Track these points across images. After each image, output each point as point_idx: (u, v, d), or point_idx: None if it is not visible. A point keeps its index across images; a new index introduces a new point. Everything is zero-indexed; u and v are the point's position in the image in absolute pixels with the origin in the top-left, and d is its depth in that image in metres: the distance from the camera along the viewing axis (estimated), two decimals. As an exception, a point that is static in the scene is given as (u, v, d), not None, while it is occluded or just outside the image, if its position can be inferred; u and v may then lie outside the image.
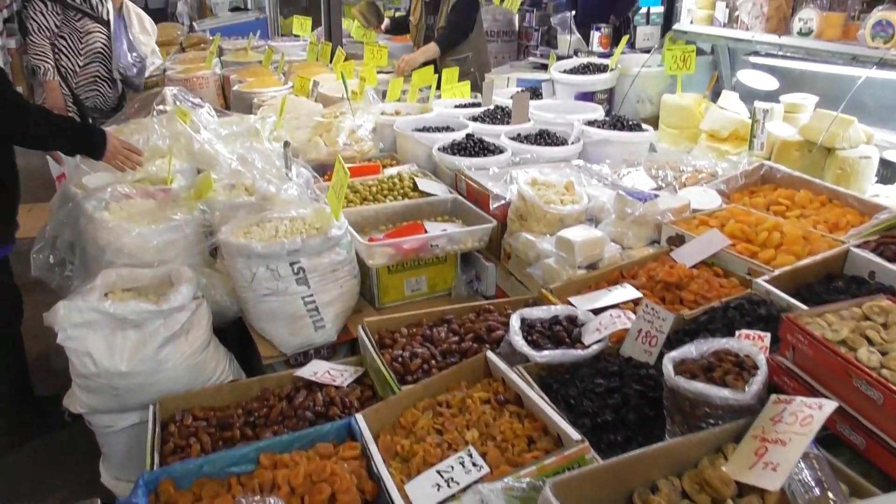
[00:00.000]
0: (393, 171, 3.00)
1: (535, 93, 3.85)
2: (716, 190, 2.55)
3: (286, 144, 2.62)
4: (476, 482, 1.29)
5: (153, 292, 2.22)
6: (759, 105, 3.01)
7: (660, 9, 8.02)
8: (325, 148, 3.21)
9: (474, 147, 2.96)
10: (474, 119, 3.43)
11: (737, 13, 3.32)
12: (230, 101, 5.05)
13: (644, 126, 3.18)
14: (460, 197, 2.72)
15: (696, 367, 1.38)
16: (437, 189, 2.77)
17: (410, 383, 1.72)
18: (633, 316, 1.74)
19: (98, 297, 2.07)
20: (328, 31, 5.81)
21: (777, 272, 1.87)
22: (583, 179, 2.73)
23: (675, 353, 1.40)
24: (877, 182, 2.82)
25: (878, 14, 2.67)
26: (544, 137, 3.12)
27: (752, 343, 1.46)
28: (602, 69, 3.77)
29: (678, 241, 2.19)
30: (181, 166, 2.90)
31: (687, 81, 3.60)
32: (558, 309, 1.84)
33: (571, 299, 1.97)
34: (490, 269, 2.54)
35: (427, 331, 1.97)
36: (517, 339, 1.70)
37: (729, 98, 3.30)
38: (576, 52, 4.41)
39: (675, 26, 3.70)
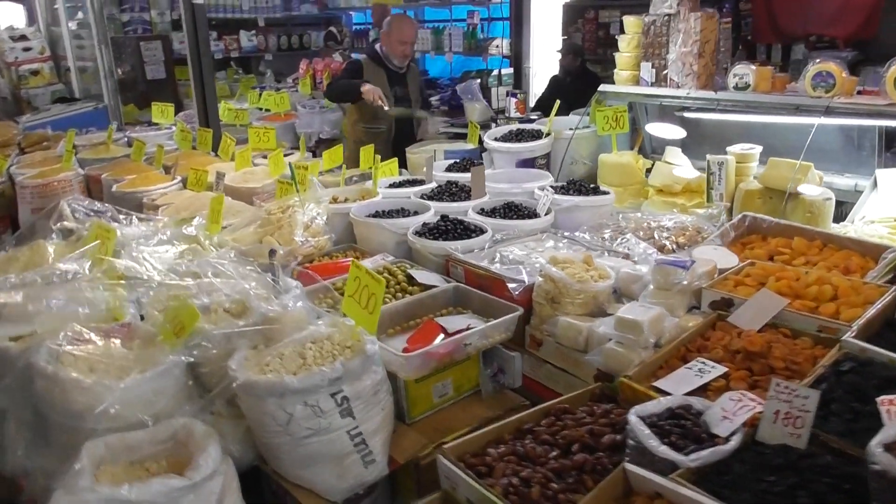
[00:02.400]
0: (367, 263, 2.76)
1: (466, 164, 3.79)
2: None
3: (272, 253, 2.30)
4: None
5: (154, 459, 1.80)
6: (713, 158, 3.16)
7: (510, 70, 8.43)
8: (279, 248, 2.88)
9: (455, 229, 2.80)
10: (429, 198, 3.28)
11: (665, 72, 3.50)
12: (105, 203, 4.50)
13: (603, 188, 3.21)
14: (462, 285, 2.54)
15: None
16: (433, 279, 2.57)
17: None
18: (754, 397, 1.66)
19: (90, 481, 1.63)
20: (203, 115, 5.41)
21: (855, 326, 1.89)
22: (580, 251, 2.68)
23: (881, 436, 1.32)
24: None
25: (816, 66, 2.92)
26: (514, 210, 3.04)
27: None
28: (536, 135, 3.80)
29: (724, 304, 2.17)
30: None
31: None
32: (668, 400, 1.72)
33: (659, 384, 1.86)
34: (516, 360, 2.36)
35: (517, 447, 1.75)
36: (653, 442, 1.54)
37: (673, 153, 3.45)
38: (494, 120, 4.44)
39: (602, 87, 3.84)
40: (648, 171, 3.65)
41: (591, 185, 3.21)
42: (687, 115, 3.60)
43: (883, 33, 5.07)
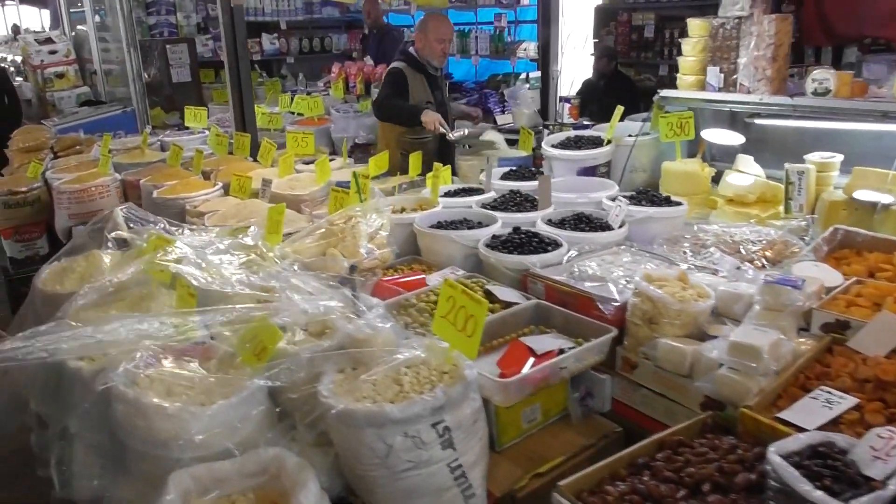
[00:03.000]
0: (436, 277, 2.63)
1: (526, 172, 3.66)
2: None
3: (353, 268, 2.17)
4: None
5: (242, 493, 1.68)
6: (792, 167, 3.01)
7: (537, 73, 8.33)
8: (343, 261, 2.76)
9: (529, 242, 2.67)
10: (491, 208, 3.15)
11: (734, 77, 3.35)
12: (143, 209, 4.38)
13: (675, 199, 3.07)
14: (544, 302, 2.40)
15: None
16: (513, 296, 2.44)
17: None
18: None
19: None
20: (240, 119, 5.29)
21: None
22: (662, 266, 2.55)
23: None
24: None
25: (907, 72, 2.77)
26: (585, 222, 2.91)
27: None
28: (596, 141, 3.67)
29: (839, 327, 2.02)
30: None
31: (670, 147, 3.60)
32: (808, 437, 1.57)
33: (784, 416, 1.72)
34: (606, 383, 2.22)
35: (637, 484, 1.61)
36: (805, 487, 1.40)
37: (745, 161, 3.30)
38: (546, 126, 4.31)
39: (663, 93, 3.70)
40: (713, 179, 3.51)
41: (664, 196, 3.07)
42: (758, 121, 3.45)
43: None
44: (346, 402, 1.73)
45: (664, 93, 3.69)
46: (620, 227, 2.84)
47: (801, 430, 1.69)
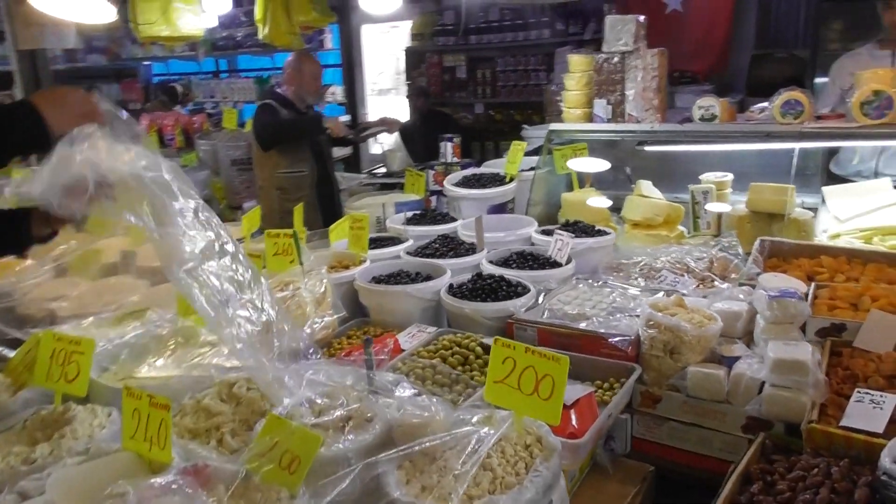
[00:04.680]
0: (406, 338, 2.39)
1: (435, 215, 3.52)
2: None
3: (368, 342, 1.85)
4: None
5: None
6: (697, 188, 3.23)
7: (347, 116, 8.25)
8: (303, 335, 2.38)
9: (500, 287, 2.53)
10: (425, 255, 2.96)
11: (621, 108, 3.53)
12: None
13: (604, 230, 3.13)
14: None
15: None
16: (510, 347, 2.26)
17: None
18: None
19: None
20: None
21: None
22: (626, 294, 2.56)
23: None
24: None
25: (785, 95, 3.11)
26: (529, 260, 2.84)
27: None
28: (498, 179, 3.63)
29: (835, 330, 2.15)
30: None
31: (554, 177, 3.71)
32: (899, 441, 1.62)
33: (850, 423, 1.77)
34: (626, 423, 2.15)
35: (760, 526, 1.54)
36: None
37: (645, 186, 3.47)
38: (428, 166, 4.19)
39: (552, 126, 3.78)
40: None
41: (592, 226, 3.11)
42: (648, 148, 3.67)
43: (731, 67, 5.72)
44: (434, 502, 1.44)
45: (553, 126, 3.78)
46: (568, 261, 2.81)
47: (870, 434, 1.75)
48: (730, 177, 3.36)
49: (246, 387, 1.99)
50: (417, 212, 3.55)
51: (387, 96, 9.81)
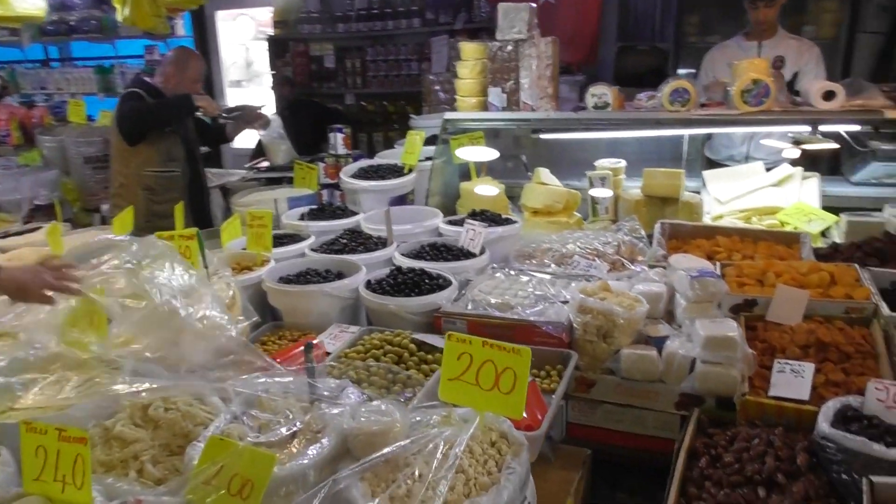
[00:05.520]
0: (329, 340, 2.28)
1: (335, 210, 3.39)
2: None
3: (310, 347, 1.72)
4: None
5: None
6: (595, 174, 3.35)
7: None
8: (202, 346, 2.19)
9: (423, 281, 2.47)
10: (333, 251, 2.84)
11: (516, 96, 3.58)
12: None
13: (511, 218, 3.16)
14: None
15: None
16: (441, 341, 2.22)
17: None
18: (892, 381, 1.78)
19: None
20: None
21: (877, 301, 2.17)
22: (545, 281, 2.60)
23: None
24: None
25: (673, 84, 3.28)
26: (442, 251, 2.80)
27: None
28: (396, 170, 3.55)
29: (747, 306, 2.29)
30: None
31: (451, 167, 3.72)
32: (829, 407, 1.74)
33: (778, 393, 1.90)
34: (562, 410, 2.18)
35: (719, 499, 1.61)
36: (878, 447, 1.56)
37: (543, 173, 3.54)
38: (317, 159, 4.01)
39: (447, 115, 3.76)
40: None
41: (500, 215, 3.13)
42: (543, 136, 3.74)
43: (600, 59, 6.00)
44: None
45: (448, 115, 3.76)
46: (482, 251, 2.80)
47: (798, 402, 1.88)
48: (623, 163, 3.51)
49: (163, 408, 1.79)
50: (314, 206, 3.40)
51: (245, 87, 9.39)
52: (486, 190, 3.58)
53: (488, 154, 3.60)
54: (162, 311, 2.11)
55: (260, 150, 5.08)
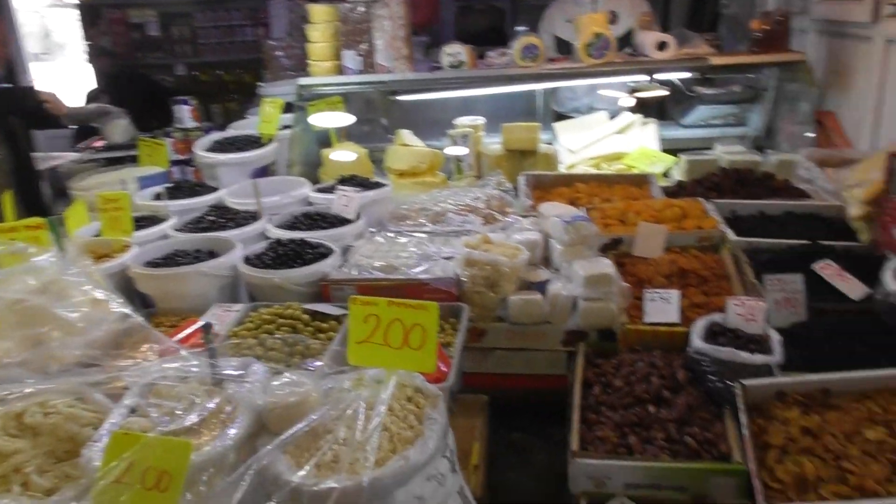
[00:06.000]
0: (215, 323, 2.19)
1: (193, 186, 3.21)
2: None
3: (209, 327, 1.65)
4: None
5: None
6: (456, 132, 3.43)
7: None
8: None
9: (304, 251, 2.43)
10: (199, 230, 2.71)
11: (371, 59, 3.56)
12: None
13: (381, 182, 3.16)
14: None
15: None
16: (333, 309, 2.21)
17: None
18: (746, 297, 2.02)
19: None
20: None
21: (723, 230, 2.44)
22: (423, 240, 2.66)
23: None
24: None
25: (524, 40, 3.40)
26: (318, 220, 2.77)
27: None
28: (252, 141, 3.41)
29: (613, 244, 2.48)
30: None
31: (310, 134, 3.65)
32: (698, 328, 1.95)
33: (653, 319, 2.10)
34: (460, 361, 2.26)
35: (615, 420, 1.76)
36: (745, 354, 1.78)
37: (406, 135, 3.56)
38: (166, 133, 3.74)
39: (302, 81, 3.65)
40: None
41: (369, 179, 3.12)
42: (401, 98, 3.74)
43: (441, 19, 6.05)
44: (348, 477, 1.38)
45: (302, 81, 3.65)
46: (357, 216, 2.80)
47: (670, 325, 2.09)
48: (482, 120, 3.61)
49: (41, 413, 1.66)
50: (169, 185, 3.20)
51: (48, 61, 8.54)
52: (349, 155, 3.55)
53: (347, 119, 3.56)
54: (18, 310, 1.93)
55: (89, 129, 4.66)
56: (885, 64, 3.01)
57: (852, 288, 2.05)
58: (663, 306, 2.15)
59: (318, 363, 1.81)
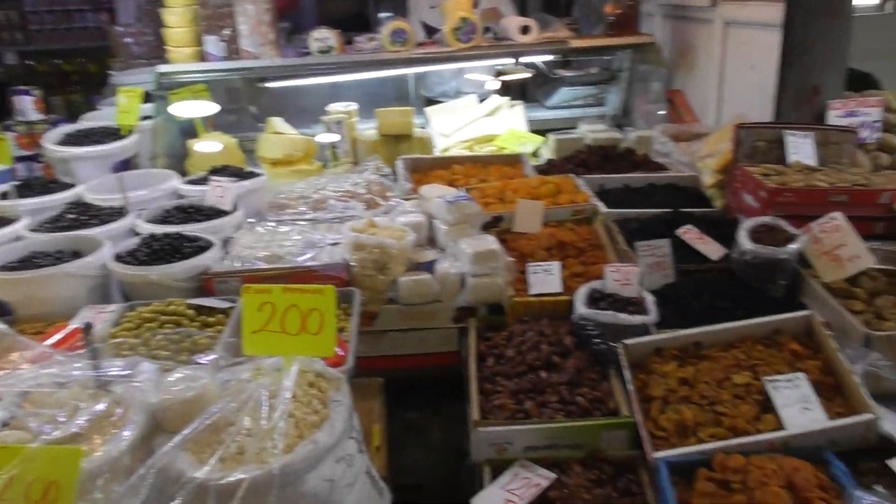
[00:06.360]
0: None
1: (44, 183, 2.97)
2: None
3: (89, 327, 1.53)
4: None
5: None
6: (330, 119, 3.38)
7: None
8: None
9: (182, 245, 2.32)
10: (58, 229, 2.52)
11: (235, 45, 3.43)
12: None
13: (256, 171, 3.07)
14: (252, 296, 2.19)
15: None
16: (219, 302, 2.14)
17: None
18: (621, 264, 2.16)
19: None
20: None
21: (594, 203, 2.59)
22: (306, 228, 2.63)
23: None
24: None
25: (392, 25, 3.41)
26: (197, 212, 2.65)
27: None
28: (110, 133, 3.19)
29: (494, 222, 2.56)
30: None
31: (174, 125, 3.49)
32: (580, 295, 2.07)
33: (537, 291, 2.20)
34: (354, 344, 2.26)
35: (511, 388, 1.84)
36: (624, 315, 1.91)
37: (277, 123, 3.47)
38: (6, 127, 3.39)
39: (162, 68, 3.45)
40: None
41: (243, 169, 3.03)
42: (269, 84, 3.63)
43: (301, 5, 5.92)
44: (257, 467, 1.36)
45: (162, 69, 3.46)
46: (234, 207, 2.71)
47: (554, 295, 2.20)
48: (355, 106, 3.59)
49: None
50: (17, 182, 2.94)
51: None
52: (217, 146, 3.41)
53: (213, 107, 3.42)
54: None
55: None
56: (724, 44, 3.31)
57: (711, 249, 2.25)
58: (546, 278, 2.26)
59: (211, 356, 1.75)
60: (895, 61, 3.48)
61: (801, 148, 2.44)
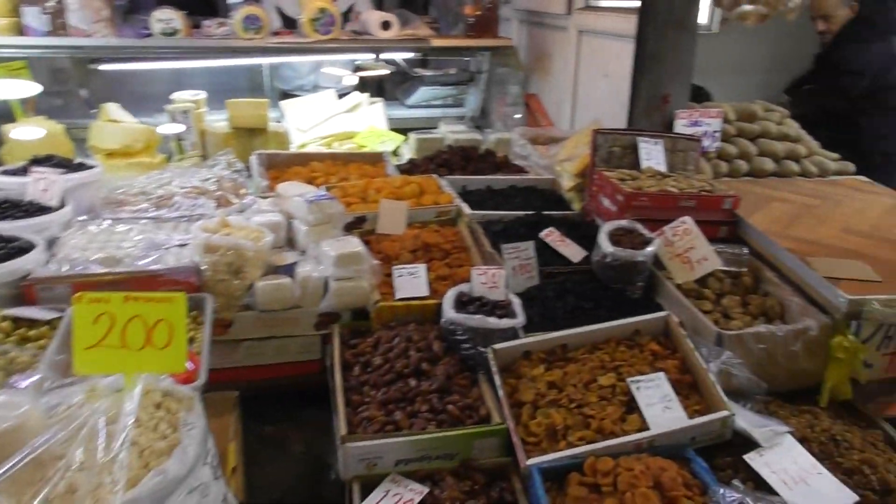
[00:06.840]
0: None
1: None
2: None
3: None
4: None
5: None
6: (175, 108, 3.12)
7: None
8: None
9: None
10: None
11: (61, 19, 3.07)
12: None
13: (88, 163, 2.75)
14: (85, 304, 1.94)
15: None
16: (46, 313, 1.87)
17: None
18: (487, 266, 2.14)
19: None
20: None
21: (458, 204, 2.56)
22: (148, 227, 2.39)
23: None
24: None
25: (245, 10, 3.20)
26: (19, 209, 2.33)
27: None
28: None
29: (357, 223, 2.46)
30: None
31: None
32: (448, 298, 2.01)
33: (404, 295, 2.13)
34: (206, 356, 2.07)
35: (378, 398, 1.76)
36: (492, 320, 1.89)
37: (113, 109, 3.14)
38: None
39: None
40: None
41: (72, 160, 2.70)
42: (104, 67, 3.27)
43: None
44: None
45: (-30, 42, 3.02)
46: (63, 204, 2.41)
47: (420, 299, 2.14)
48: (204, 94, 3.33)
49: None
50: None
51: None
52: (38, 132, 3.04)
53: (33, 88, 3.03)
54: None
55: None
56: (579, 52, 3.42)
57: (573, 252, 2.29)
58: (412, 281, 2.20)
59: (34, 377, 1.51)
60: (721, 77, 3.78)
61: (653, 154, 2.55)
